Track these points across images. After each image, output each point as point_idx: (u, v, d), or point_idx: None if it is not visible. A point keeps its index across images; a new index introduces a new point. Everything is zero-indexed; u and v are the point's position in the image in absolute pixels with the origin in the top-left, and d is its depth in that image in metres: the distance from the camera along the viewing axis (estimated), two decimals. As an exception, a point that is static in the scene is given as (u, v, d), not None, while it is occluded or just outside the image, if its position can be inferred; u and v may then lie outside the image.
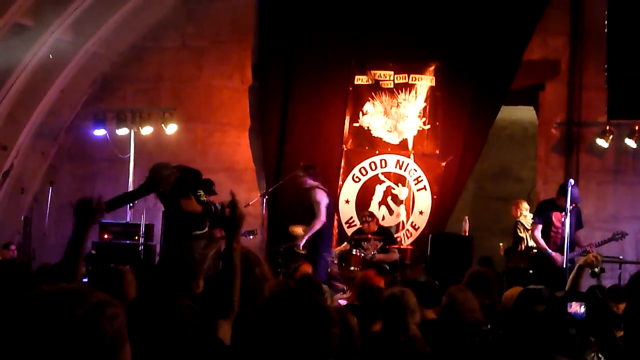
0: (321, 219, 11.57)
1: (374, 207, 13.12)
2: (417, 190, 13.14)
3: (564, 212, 10.51)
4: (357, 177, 13.44)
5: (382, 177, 13.33)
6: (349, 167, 13.47)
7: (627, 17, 12.21)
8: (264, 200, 12.28)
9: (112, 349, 1.87)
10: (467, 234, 12.60)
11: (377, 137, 13.42)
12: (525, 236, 12.53)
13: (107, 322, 1.86)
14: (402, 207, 13.13)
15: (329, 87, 13.61)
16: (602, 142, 12.36)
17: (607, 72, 11.68)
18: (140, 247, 12.54)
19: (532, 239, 11.67)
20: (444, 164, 13.04)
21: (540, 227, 11.31)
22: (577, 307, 4.35)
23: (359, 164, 13.44)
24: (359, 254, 11.55)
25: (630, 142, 12.22)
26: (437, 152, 13.14)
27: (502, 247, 13.05)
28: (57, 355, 1.80)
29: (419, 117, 13.23)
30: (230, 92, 14.07)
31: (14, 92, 13.00)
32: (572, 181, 10.61)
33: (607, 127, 12.27)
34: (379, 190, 13.30)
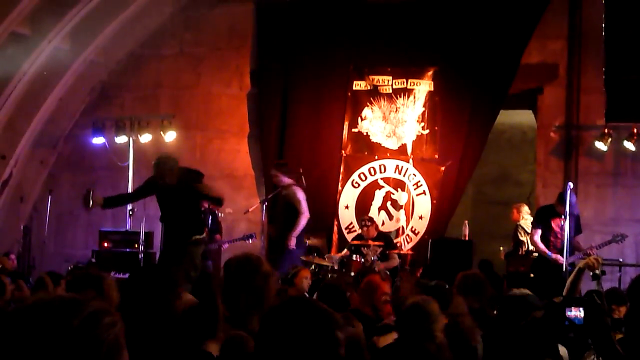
0: (306, 215, 11.59)
1: (374, 213, 13.11)
2: (417, 195, 13.14)
3: (563, 216, 10.52)
4: (357, 183, 13.43)
5: (381, 183, 13.33)
6: (348, 173, 13.47)
7: (625, 21, 12.22)
8: (264, 206, 12.27)
9: (110, 358, 1.86)
10: (467, 238, 12.58)
11: (376, 143, 13.42)
12: (526, 240, 12.51)
13: (104, 331, 1.86)
14: (402, 212, 13.13)
15: (328, 93, 13.62)
16: (601, 145, 12.35)
17: (605, 76, 11.68)
18: (140, 255, 12.53)
19: (532, 243, 11.67)
20: (443, 168, 13.04)
21: (539, 232, 11.31)
22: (576, 312, 4.35)
23: (358, 169, 13.44)
24: (359, 260, 11.53)
25: (629, 145, 12.22)
26: (436, 156, 13.14)
27: (502, 251, 13.03)
28: (55, 364, 1.80)
29: (418, 122, 13.23)
30: (228, 99, 14.07)
31: (13, 101, 13.00)
32: (570, 184, 10.62)
33: (606, 130, 12.25)
34: (379, 195, 13.30)
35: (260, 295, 4.78)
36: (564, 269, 10.33)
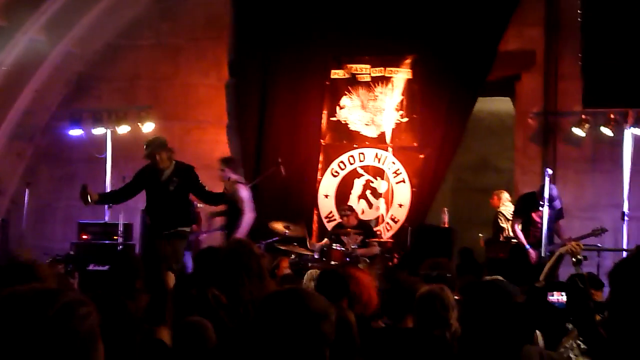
0: (250, 214, 11.23)
1: (353, 201, 13.14)
2: (396, 183, 13.16)
3: (542, 203, 10.56)
4: (336, 172, 13.44)
5: (360, 171, 13.35)
6: (328, 162, 13.48)
7: (601, 6, 12.25)
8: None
9: (85, 349, 1.85)
10: (446, 225, 12.62)
11: (355, 131, 13.43)
12: (506, 226, 12.57)
13: (80, 322, 1.85)
14: (382, 200, 13.15)
15: (306, 82, 13.60)
16: (578, 131, 12.40)
17: (581, 62, 11.72)
18: (119, 247, 12.49)
19: (512, 232, 11.71)
20: (422, 156, 13.07)
21: (520, 221, 11.35)
22: (558, 297, 4.37)
23: (337, 158, 13.46)
24: (339, 249, 11.54)
25: (606, 131, 12.26)
26: (415, 144, 13.17)
27: (482, 237, 13.09)
28: (30, 356, 1.78)
29: (397, 110, 13.25)
30: (207, 89, 14.02)
31: (-12, 93, 12.92)
32: (549, 171, 10.66)
33: (583, 116, 12.30)
34: (358, 184, 13.31)
35: (260, 278, 4.99)
36: (542, 255, 10.39)
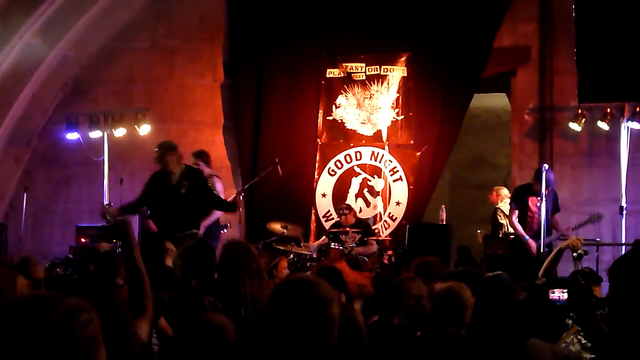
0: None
1: (351, 200, 13.14)
2: (393, 181, 13.17)
3: (539, 197, 10.59)
4: (333, 171, 13.45)
5: (357, 170, 13.35)
6: (324, 161, 13.48)
7: (594, 0, 12.25)
8: (241, 197, 12.24)
9: (88, 355, 1.86)
10: (444, 222, 12.62)
11: (351, 130, 13.44)
12: (505, 222, 12.57)
13: (82, 328, 1.86)
14: (379, 198, 13.16)
15: (301, 81, 13.61)
16: (575, 126, 12.40)
17: (576, 57, 11.71)
18: (117, 250, 12.47)
19: (510, 225, 11.73)
20: (419, 153, 13.07)
21: (517, 212, 11.39)
22: (559, 294, 4.37)
23: (334, 157, 13.46)
24: (337, 248, 11.55)
25: (602, 125, 12.27)
26: (412, 142, 13.17)
27: (480, 234, 13.09)
28: (34, 362, 1.79)
29: (392, 108, 13.25)
30: (202, 91, 14.03)
31: (-16, 98, 12.91)
32: (546, 166, 10.69)
33: (579, 111, 12.31)
34: (355, 182, 13.32)
35: (258, 277, 5.10)
36: (541, 250, 10.41)
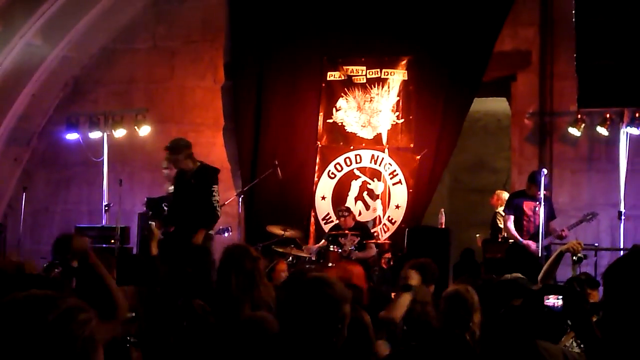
0: None
1: (350, 203, 13.14)
2: (393, 184, 13.17)
3: (536, 201, 10.60)
4: (333, 173, 13.44)
5: (357, 173, 13.35)
6: (324, 164, 13.48)
7: (595, 6, 12.25)
8: (240, 199, 12.24)
9: (85, 354, 1.86)
10: (443, 226, 12.62)
11: (351, 133, 13.44)
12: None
13: (79, 327, 1.86)
14: (379, 201, 13.16)
15: (302, 84, 13.61)
16: (574, 131, 12.41)
17: (576, 62, 11.72)
18: (116, 251, 12.47)
19: (505, 230, 11.75)
20: (418, 157, 13.06)
21: (512, 217, 11.43)
22: (554, 300, 4.38)
23: (333, 160, 13.46)
24: (336, 250, 11.55)
25: (602, 130, 12.28)
26: (412, 145, 13.17)
27: (479, 238, 13.09)
28: (30, 361, 1.80)
29: (393, 111, 13.25)
30: (203, 92, 14.02)
31: (-16, 98, 12.92)
32: (544, 171, 10.70)
33: (579, 116, 12.31)
34: (355, 185, 13.32)
35: (251, 278, 5.18)
36: (539, 254, 10.41)
